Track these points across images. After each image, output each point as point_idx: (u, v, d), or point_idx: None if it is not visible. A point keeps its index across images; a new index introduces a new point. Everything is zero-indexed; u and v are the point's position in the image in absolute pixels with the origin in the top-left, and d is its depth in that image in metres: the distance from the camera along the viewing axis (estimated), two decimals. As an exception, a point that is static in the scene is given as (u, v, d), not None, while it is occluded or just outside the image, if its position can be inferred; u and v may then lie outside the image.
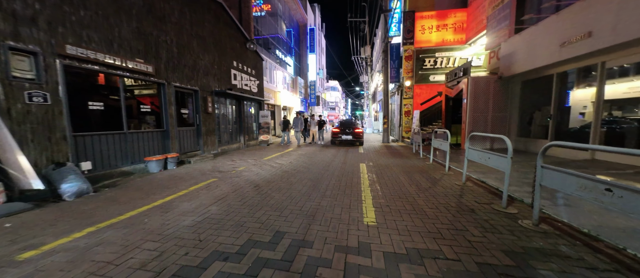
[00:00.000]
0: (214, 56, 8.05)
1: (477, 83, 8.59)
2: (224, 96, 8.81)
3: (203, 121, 7.46)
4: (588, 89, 6.11)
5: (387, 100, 13.04)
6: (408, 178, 4.61)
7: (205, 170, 5.53)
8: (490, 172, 4.76)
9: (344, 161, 6.61)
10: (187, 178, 4.79)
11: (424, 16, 12.72)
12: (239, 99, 9.87)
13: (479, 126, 8.64)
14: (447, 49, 12.59)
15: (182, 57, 6.58)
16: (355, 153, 8.44)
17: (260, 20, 17.85)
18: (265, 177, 4.76)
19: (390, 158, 7.22)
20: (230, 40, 9.09)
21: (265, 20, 18.23)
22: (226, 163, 6.40)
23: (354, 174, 5.00)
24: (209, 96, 7.69)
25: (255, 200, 3.39)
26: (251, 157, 7.44)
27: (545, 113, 7.31)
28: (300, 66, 26.39)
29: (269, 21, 18.70)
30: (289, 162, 6.47)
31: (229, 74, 9.03)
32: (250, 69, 10.70)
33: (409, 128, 13.08)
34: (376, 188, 3.96)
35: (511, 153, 2.93)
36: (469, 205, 3.13)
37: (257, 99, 11.39)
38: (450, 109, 11.00)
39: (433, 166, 5.86)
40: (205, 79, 7.59)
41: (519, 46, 7.43)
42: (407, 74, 12.98)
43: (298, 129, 11.47)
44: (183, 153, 6.72)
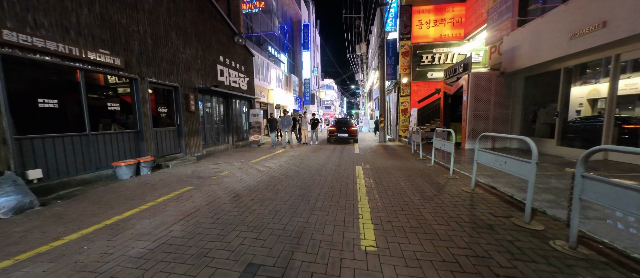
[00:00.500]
0: (197, 50, 7.40)
1: (478, 79, 8.16)
2: (209, 93, 8.17)
3: (185, 120, 6.82)
4: (599, 84, 5.71)
5: (384, 98, 12.57)
6: (409, 184, 4.11)
7: (183, 176, 4.92)
8: (498, 175, 4.29)
9: (339, 163, 6.09)
10: (159, 186, 4.19)
11: (422, 10, 12.26)
12: (226, 97, 9.24)
13: (480, 124, 8.23)
14: (445, 44, 12.17)
15: (159, 50, 5.93)
16: (351, 153, 7.92)
17: (253, 17, 17.18)
18: (249, 184, 4.19)
19: (388, 159, 6.73)
20: (216, 33, 8.43)
21: (257, 17, 17.56)
22: (209, 167, 5.80)
23: (349, 179, 4.47)
24: (191, 93, 7.05)
25: (231, 216, 2.83)
26: (238, 159, 6.85)
27: (550, 111, 6.92)
28: (294, 63, 25.74)
29: (262, 18, 18.03)
30: (278, 165, 5.91)
31: (215, 70, 8.38)
32: (239, 65, 10.05)
33: (406, 126, 12.65)
34: (374, 197, 3.44)
35: (536, 157, 2.44)
36: (485, 219, 2.64)
37: (247, 97, 10.76)
38: (449, 106, 10.58)
39: (435, 168, 5.39)
40: (187, 75, 6.95)
41: (523, 39, 7.01)
42: (404, 71, 12.52)
43: (286, 129, 10.63)
44: (161, 156, 6.09)
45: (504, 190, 3.61)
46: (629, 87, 5.08)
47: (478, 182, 4.03)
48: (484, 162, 3.40)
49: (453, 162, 4.63)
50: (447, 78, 10.37)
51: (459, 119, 10.57)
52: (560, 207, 2.79)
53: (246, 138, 10.83)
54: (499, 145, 8.21)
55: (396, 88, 13.44)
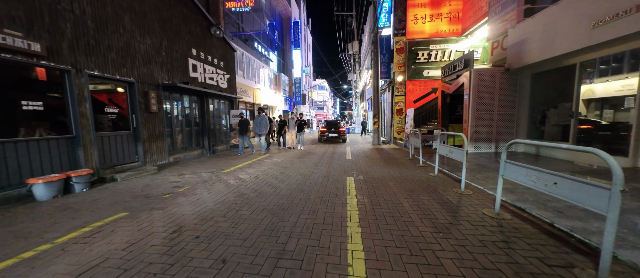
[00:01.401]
0: (161, 40, 6.31)
1: (481, 77, 7.40)
2: (178, 91, 7.06)
3: (143, 123, 5.71)
4: (622, 81, 5.00)
5: (378, 97, 11.74)
6: (414, 204, 3.20)
7: (128, 194, 3.85)
8: (518, 189, 3.44)
9: (327, 173, 5.13)
10: (83, 212, 3.12)
11: (417, 4, 11.52)
12: (201, 96, 8.14)
13: (483, 125, 7.47)
14: (442, 40, 11.46)
15: (105, 35, 4.82)
16: (342, 160, 6.99)
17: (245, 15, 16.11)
18: (205, 208, 3.18)
19: (384, 166, 5.83)
20: (187, 22, 7.34)
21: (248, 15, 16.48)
22: (168, 180, 4.73)
23: (338, 197, 3.53)
24: (152, 90, 5.94)
25: (148, 274, 1.82)
26: (209, 169, 5.79)
27: (563, 111, 6.21)
28: (284, 62, 24.70)
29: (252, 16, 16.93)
30: (253, 177, 4.90)
31: (186, 65, 7.28)
32: (216, 61, 8.97)
33: (402, 128, 11.86)
34: (370, 229, 2.50)
35: (621, 180, 1.56)
36: (536, 273, 1.74)
37: (227, 96, 9.67)
38: (448, 106, 9.83)
39: (440, 179, 4.51)
40: (147, 69, 5.84)
41: (532, 31, 6.28)
42: (399, 69, 11.74)
43: (260, 132, 8.51)
44: (109, 166, 4.97)
45: (537, 213, 2.75)
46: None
47: (503, 203, 3.16)
48: (517, 180, 2.52)
49: (465, 173, 3.76)
50: (445, 76, 9.62)
51: (458, 120, 9.83)
52: (631, 246, 1.93)
53: (227, 142, 9.73)
54: (486, 149, 7.47)
55: (390, 87, 12.65)
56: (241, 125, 8.30)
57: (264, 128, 8.52)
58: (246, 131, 8.36)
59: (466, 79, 7.62)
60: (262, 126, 8.51)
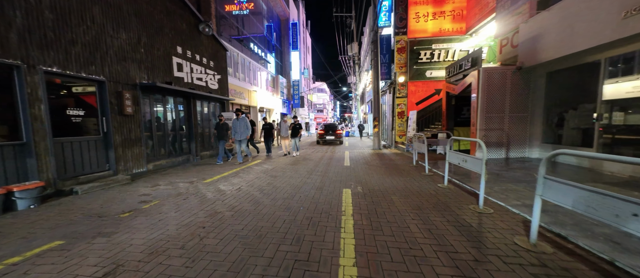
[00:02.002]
0: (139, 36, 5.73)
1: (491, 76, 6.81)
2: (159, 91, 6.46)
3: (116, 127, 5.10)
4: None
5: (378, 99, 11.15)
6: (425, 228, 2.56)
7: (80, 212, 3.22)
8: (548, 204, 2.80)
9: (320, 184, 4.49)
10: (10, 238, 2.49)
11: (419, 2, 10.99)
12: (187, 97, 7.54)
13: (493, 129, 6.85)
14: (445, 40, 10.91)
15: (67, 28, 4.24)
16: (339, 166, 6.35)
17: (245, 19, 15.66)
18: (163, 234, 2.55)
19: (386, 175, 5.20)
20: (171, 17, 6.78)
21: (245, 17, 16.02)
22: (136, 193, 4.10)
23: (331, 217, 2.89)
24: (127, 90, 5.34)
25: None
26: (190, 178, 5.17)
27: (584, 112, 5.59)
28: (282, 64, 24.20)
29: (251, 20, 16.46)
30: (236, 189, 4.27)
31: (169, 63, 6.70)
32: (206, 60, 8.39)
33: (403, 131, 11.24)
34: (370, 269, 1.87)
35: None
36: None
37: (217, 98, 9.09)
38: (453, 108, 9.22)
39: (452, 192, 3.88)
40: (121, 67, 5.25)
41: (548, 25, 5.69)
42: (400, 69, 11.17)
43: (239, 137, 7.04)
44: (72, 177, 4.35)
45: (585, 243, 2.11)
46: None
47: (541, 229, 2.52)
48: (565, 203, 1.88)
49: (483, 187, 3.12)
50: (450, 76, 9.03)
51: (464, 123, 9.22)
52: None
53: (214, 147, 9.11)
54: (496, 155, 6.85)
55: (391, 89, 12.07)
56: (219, 129, 7.25)
57: (244, 132, 7.06)
58: (224, 136, 7.25)
59: (474, 78, 7.02)
60: (241, 131, 7.04)
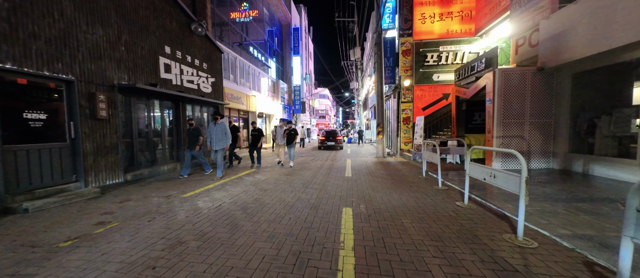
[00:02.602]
0: (120, 33, 5.22)
1: (508, 78, 6.15)
2: (142, 94, 5.91)
3: (87, 132, 4.51)
4: None
5: (382, 104, 10.51)
6: (453, 273, 1.86)
7: (8, 239, 2.59)
8: (606, 231, 2.07)
9: (316, 201, 3.81)
10: None
11: (425, 2, 10.47)
12: (176, 101, 6.98)
13: (512, 136, 6.14)
14: (453, 41, 10.32)
15: (27, 19, 3.71)
16: (339, 178, 5.66)
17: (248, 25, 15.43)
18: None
19: (393, 188, 4.50)
20: (159, 15, 6.30)
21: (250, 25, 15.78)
22: (97, 212, 3.47)
23: (326, 251, 2.21)
24: (102, 92, 4.78)
25: None
26: (168, 191, 4.53)
27: (621, 118, 4.87)
28: (284, 69, 23.84)
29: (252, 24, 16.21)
30: (216, 206, 3.61)
31: (156, 64, 6.18)
32: (198, 62, 7.88)
33: (409, 138, 10.55)
34: None
35: None
36: None
37: (211, 102, 8.53)
38: (464, 114, 8.54)
39: (476, 214, 3.17)
40: (96, 65, 4.71)
41: (575, 20, 5.04)
42: (406, 73, 10.57)
43: (216, 146, 5.90)
44: (27, 190, 3.74)
45: None
46: None
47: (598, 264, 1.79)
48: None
49: (524, 212, 2.41)
50: (460, 79, 8.39)
51: (476, 130, 8.51)
52: None
53: (209, 155, 8.49)
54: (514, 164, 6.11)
55: (396, 93, 11.44)
56: (189, 136, 6.00)
57: (221, 140, 5.85)
58: (194, 144, 5.94)
59: (489, 81, 6.36)
60: (218, 138, 5.85)
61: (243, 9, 14.35)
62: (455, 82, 8.73)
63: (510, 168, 6.10)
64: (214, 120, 6.06)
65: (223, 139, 5.92)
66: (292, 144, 7.55)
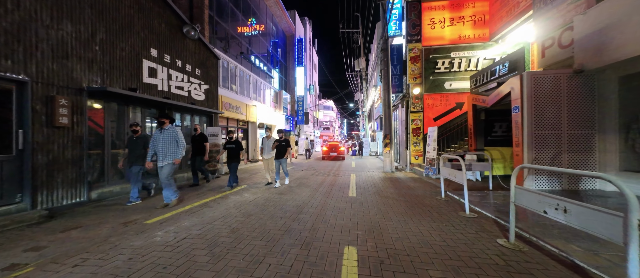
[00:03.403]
0: (95, 30, 4.64)
1: (539, 82, 5.28)
2: (122, 100, 5.26)
3: (41, 142, 3.80)
4: None
5: (389, 113, 9.69)
6: None
7: None
8: None
9: (310, 235, 2.91)
10: None
11: (433, 7, 9.88)
12: (161, 108, 6.33)
13: (547, 150, 5.18)
14: (465, 47, 9.58)
15: (-31, 8, 3.11)
16: (341, 200, 4.75)
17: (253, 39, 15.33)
18: None
19: (409, 215, 3.57)
20: (145, 14, 5.78)
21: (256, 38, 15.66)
22: (21, 246, 2.66)
23: None
24: (64, 95, 4.12)
25: None
26: (131, 216, 3.71)
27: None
28: (287, 79, 23.50)
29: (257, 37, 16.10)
30: (175, 242, 2.75)
31: (138, 67, 5.58)
32: (190, 67, 7.31)
33: (420, 151, 9.61)
34: None
35: None
36: None
37: (203, 111, 7.88)
38: (482, 124, 7.62)
39: (531, 258, 2.22)
40: (60, 65, 4.09)
41: (624, 12, 4.21)
42: (415, 80, 9.80)
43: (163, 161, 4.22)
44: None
45: None
46: None
47: None
48: None
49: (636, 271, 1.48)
50: (477, 86, 7.55)
51: (497, 143, 7.54)
52: None
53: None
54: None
55: (404, 102, 10.63)
56: (129, 147, 4.49)
57: (169, 152, 4.19)
58: (135, 159, 4.42)
59: (515, 86, 5.50)
60: (165, 150, 4.19)
61: (250, 23, 14.33)
62: (471, 89, 7.89)
63: (542, 187, 5.11)
64: (160, 125, 4.28)
65: (171, 152, 4.19)
66: (283, 158, 6.08)
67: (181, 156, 4.29)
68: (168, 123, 4.36)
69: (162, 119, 4.31)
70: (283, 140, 6.09)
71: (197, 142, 6.29)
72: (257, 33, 14.77)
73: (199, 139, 6.32)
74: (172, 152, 4.22)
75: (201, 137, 6.36)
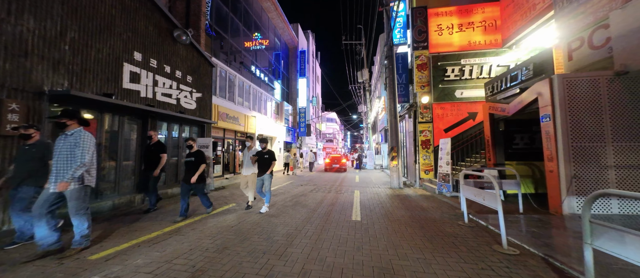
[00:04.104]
0: (65, 27, 4.14)
1: (573, 87, 4.54)
2: (95, 106, 4.66)
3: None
4: None
5: (395, 123, 8.97)
6: None
7: None
8: None
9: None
10: None
11: (440, 13, 9.40)
12: (144, 117, 5.73)
13: (588, 164, 4.34)
14: (476, 53, 8.97)
15: None
16: (343, 225, 3.93)
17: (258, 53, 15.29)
18: None
19: (429, 251, 2.75)
20: (128, 15, 5.32)
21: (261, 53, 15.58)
22: None
23: None
24: (15, 100, 3.53)
25: None
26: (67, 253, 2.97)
27: None
28: (289, 90, 23.19)
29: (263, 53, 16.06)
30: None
31: (117, 71, 5.04)
32: (181, 74, 6.80)
33: (430, 166, 8.76)
34: None
35: None
36: None
37: (194, 121, 7.29)
38: (501, 135, 6.81)
39: None
40: (15, 64, 3.54)
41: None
42: (423, 89, 9.14)
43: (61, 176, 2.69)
44: None
45: None
46: None
47: None
48: None
49: None
50: (493, 93, 6.83)
51: (518, 156, 6.69)
52: None
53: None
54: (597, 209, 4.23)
55: (411, 112, 9.92)
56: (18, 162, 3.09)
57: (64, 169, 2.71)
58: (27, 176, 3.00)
59: (543, 92, 4.76)
60: (62, 166, 2.72)
61: (255, 37, 14.29)
62: (487, 97, 7.16)
63: (596, 211, 4.22)
64: (61, 128, 2.85)
65: (68, 166, 2.71)
66: (266, 174, 4.71)
67: (73, 177, 2.68)
68: (74, 124, 2.83)
69: (64, 119, 2.77)
70: (265, 152, 4.81)
71: (153, 153, 4.75)
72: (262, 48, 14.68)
73: (155, 149, 4.78)
74: (66, 168, 2.69)
75: (158, 147, 4.81)
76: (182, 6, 8.88)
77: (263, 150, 4.86)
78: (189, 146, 4.52)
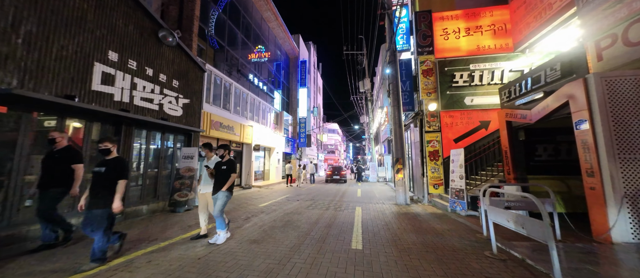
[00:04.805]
0: (19, 18, 3.61)
1: (614, 88, 3.84)
2: (53, 110, 4.04)
3: None
4: None
5: (400, 133, 8.24)
6: None
7: None
8: None
9: None
10: None
11: (445, 17, 8.90)
12: (118, 124, 5.09)
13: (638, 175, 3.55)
14: (486, 58, 8.35)
15: None
16: (341, 256, 3.12)
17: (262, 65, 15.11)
18: None
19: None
20: (104, 11, 4.82)
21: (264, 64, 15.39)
22: None
23: None
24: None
25: None
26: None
27: None
28: (289, 100, 22.75)
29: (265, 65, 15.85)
30: None
31: (87, 71, 4.46)
32: (166, 77, 6.24)
33: (440, 179, 7.93)
34: None
35: None
36: None
37: (179, 129, 6.65)
38: (522, 146, 6.04)
39: None
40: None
41: None
42: (429, 96, 8.48)
43: None
44: None
45: None
46: None
47: None
48: None
49: None
50: (510, 99, 6.12)
51: (541, 170, 5.88)
52: None
53: (168, 198, 6.26)
54: None
55: (417, 121, 9.21)
56: None
57: None
58: None
59: (577, 94, 4.05)
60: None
61: (258, 50, 14.12)
62: (502, 103, 6.46)
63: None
64: None
65: None
66: (221, 191, 3.53)
67: None
68: None
69: None
70: (224, 162, 3.63)
71: (56, 162, 3.31)
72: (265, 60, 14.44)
73: (61, 158, 3.34)
74: None
75: (67, 154, 3.42)
76: (176, 10, 8.51)
77: (221, 160, 3.69)
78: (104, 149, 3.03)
